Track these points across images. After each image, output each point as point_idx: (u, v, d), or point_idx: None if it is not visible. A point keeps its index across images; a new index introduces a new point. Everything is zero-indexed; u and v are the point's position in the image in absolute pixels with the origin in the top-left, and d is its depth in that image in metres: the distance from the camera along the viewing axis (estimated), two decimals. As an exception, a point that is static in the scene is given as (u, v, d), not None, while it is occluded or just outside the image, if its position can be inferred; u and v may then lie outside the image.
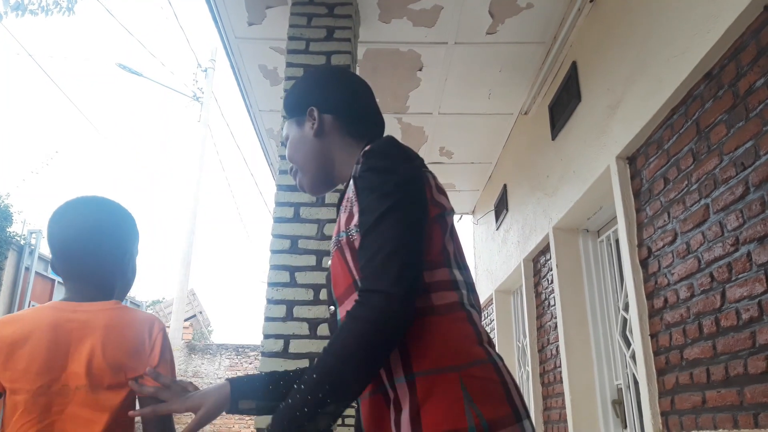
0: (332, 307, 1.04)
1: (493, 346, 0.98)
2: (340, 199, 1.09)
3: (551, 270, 3.82)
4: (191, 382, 1.16)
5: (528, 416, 0.92)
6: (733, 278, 1.96)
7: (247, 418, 14.22)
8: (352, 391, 0.88)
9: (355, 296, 0.97)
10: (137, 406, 1.18)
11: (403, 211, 0.93)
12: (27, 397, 1.10)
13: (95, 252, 1.21)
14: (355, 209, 0.99)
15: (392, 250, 0.89)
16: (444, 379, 0.88)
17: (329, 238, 2.56)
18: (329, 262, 1.06)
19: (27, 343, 1.12)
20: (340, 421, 2.56)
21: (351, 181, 1.03)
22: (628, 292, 2.73)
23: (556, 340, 3.75)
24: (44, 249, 8.68)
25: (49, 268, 8.85)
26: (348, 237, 0.99)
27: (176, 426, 1.25)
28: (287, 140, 1.21)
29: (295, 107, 1.20)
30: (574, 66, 3.37)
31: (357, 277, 0.98)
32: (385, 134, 1.11)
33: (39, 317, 1.15)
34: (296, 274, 2.55)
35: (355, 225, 0.98)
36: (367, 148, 1.02)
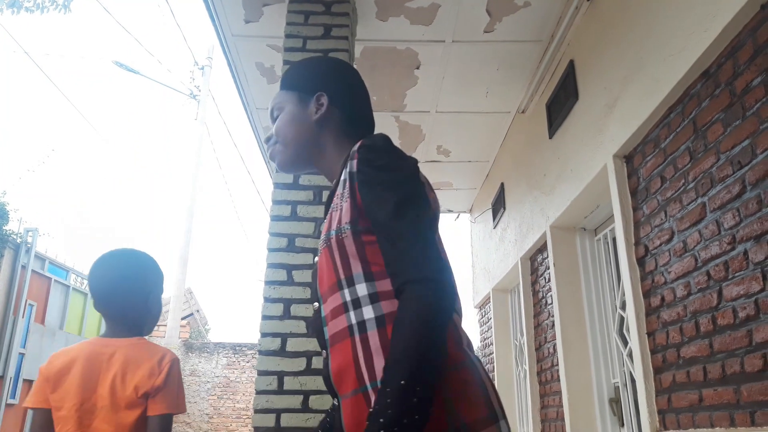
0: (316, 304, 1.05)
1: (471, 349, 0.98)
2: (330, 197, 1.08)
3: (548, 268, 3.83)
4: None
5: (504, 416, 0.92)
6: (730, 277, 1.96)
7: (245, 416, 14.21)
8: (439, 380, 0.85)
9: (337, 296, 0.97)
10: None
11: (418, 205, 0.94)
12: (66, 413, 1.41)
13: (124, 297, 1.53)
14: (346, 206, 0.98)
15: (424, 241, 0.90)
16: None
17: (326, 236, 2.55)
18: (316, 259, 1.07)
19: (70, 371, 1.44)
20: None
21: (343, 179, 1.02)
22: (625, 291, 2.73)
23: (554, 338, 3.76)
24: (40, 247, 8.67)
25: (46, 266, 8.84)
26: (338, 235, 0.98)
27: (186, 429, 1.37)
28: (280, 111, 1.18)
29: (304, 84, 1.18)
30: (571, 64, 3.37)
31: (342, 277, 0.97)
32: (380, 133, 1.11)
33: (80, 351, 1.48)
34: (293, 272, 2.55)
35: (347, 222, 0.97)
36: (362, 143, 1.01)
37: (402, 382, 0.80)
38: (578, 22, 3.26)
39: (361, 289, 0.95)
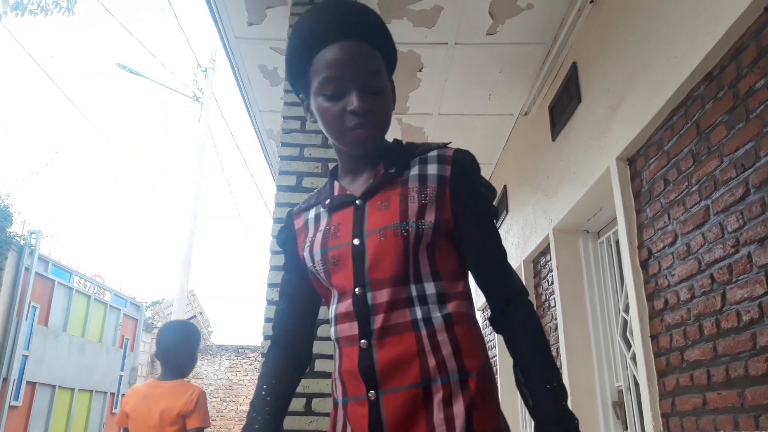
0: (358, 289, 0.98)
1: None
2: (384, 182, 1.04)
3: (551, 271, 3.82)
4: None
5: None
6: (734, 280, 1.95)
7: (247, 418, 14.20)
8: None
9: (401, 289, 0.96)
10: None
11: None
12: (134, 428, 2.32)
13: (179, 354, 2.44)
14: (431, 206, 0.99)
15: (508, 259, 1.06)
16: (487, 382, 0.94)
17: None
18: (355, 242, 1.00)
19: (138, 404, 2.34)
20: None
21: (417, 174, 1.03)
22: (628, 294, 2.72)
23: (557, 341, 3.75)
24: (44, 249, 8.69)
25: (49, 269, 8.86)
26: (417, 229, 0.97)
27: None
28: (382, 80, 1.02)
29: (390, 68, 1.08)
30: (574, 67, 3.37)
31: (411, 272, 0.97)
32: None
33: (141, 390, 2.39)
34: (296, 275, 2.54)
35: (430, 222, 0.98)
36: (458, 153, 1.05)
37: (550, 361, 0.95)
38: (581, 25, 3.26)
39: (429, 288, 0.97)
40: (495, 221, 1.06)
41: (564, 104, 3.51)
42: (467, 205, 1.02)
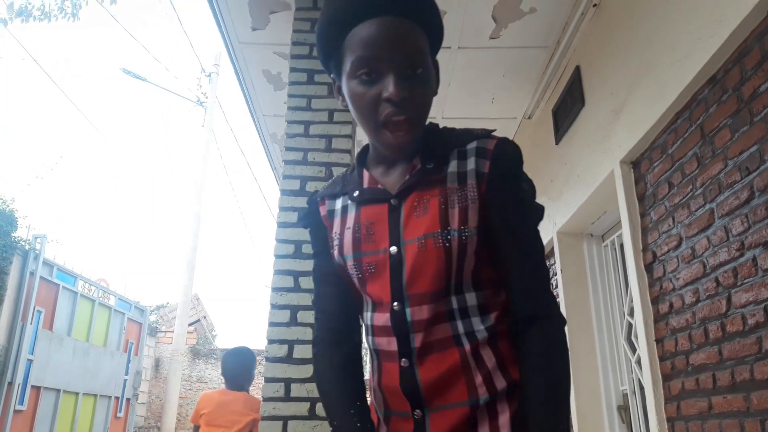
0: (396, 304, 0.91)
1: None
2: (420, 180, 0.94)
3: (556, 275, 3.81)
4: None
5: None
6: (739, 283, 1.95)
7: (251, 422, 14.19)
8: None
9: (442, 302, 0.90)
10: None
11: None
12: (214, 429, 2.97)
13: (238, 376, 3.17)
14: (473, 207, 0.91)
15: (549, 276, 0.95)
16: None
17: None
18: (392, 249, 0.92)
19: (212, 407, 3.03)
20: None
21: (456, 171, 0.93)
22: (633, 297, 2.72)
23: (561, 345, 3.74)
24: (49, 254, 8.71)
25: (54, 273, 8.88)
26: (460, 237, 0.89)
27: None
28: (425, 65, 0.91)
29: (435, 47, 0.97)
30: (577, 70, 3.37)
31: (453, 283, 0.90)
32: None
33: (214, 396, 3.12)
34: (300, 278, 2.55)
35: (474, 227, 0.90)
36: (499, 145, 0.94)
37: (567, 411, 0.87)
38: (584, 28, 3.26)
39: (470, 299, 0.91)
40: (537, 229, 0.95)
41: (567, 108, 3.51)
42: (504, 205, 0.92)
